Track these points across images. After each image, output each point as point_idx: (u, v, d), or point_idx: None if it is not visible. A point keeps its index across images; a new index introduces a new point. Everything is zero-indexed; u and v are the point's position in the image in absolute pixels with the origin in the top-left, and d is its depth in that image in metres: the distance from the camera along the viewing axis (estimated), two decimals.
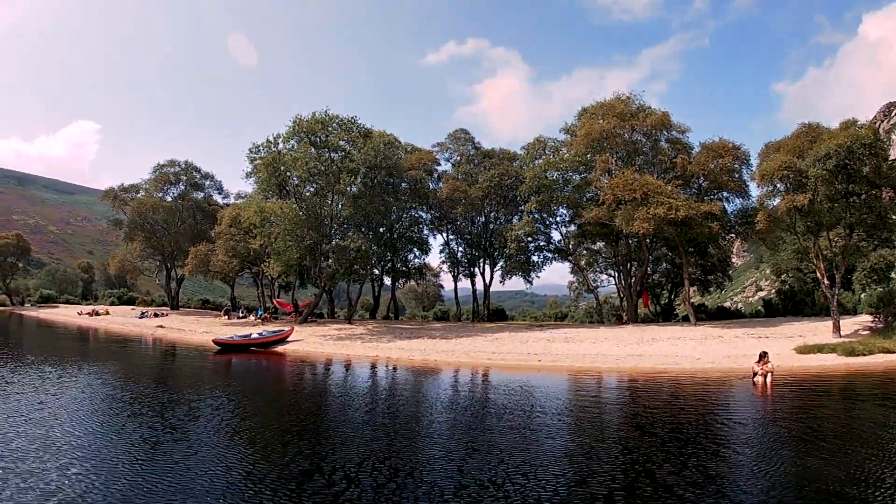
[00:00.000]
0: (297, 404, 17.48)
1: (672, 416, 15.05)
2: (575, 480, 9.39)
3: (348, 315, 52.99)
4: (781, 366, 21.63)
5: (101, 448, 10.55)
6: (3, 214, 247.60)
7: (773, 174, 29.57)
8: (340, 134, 45.30)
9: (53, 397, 16.14)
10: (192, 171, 70.14)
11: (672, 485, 9.14)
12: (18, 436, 11.11)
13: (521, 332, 37.25)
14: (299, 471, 9.68)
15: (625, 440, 12.31)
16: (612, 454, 11.07)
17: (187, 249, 61.98)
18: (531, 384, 20.79)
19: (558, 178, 47.65)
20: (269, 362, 29.78)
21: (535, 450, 11.24)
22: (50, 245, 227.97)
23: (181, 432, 12.25)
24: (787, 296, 47.07)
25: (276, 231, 42.19)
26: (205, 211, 68.10)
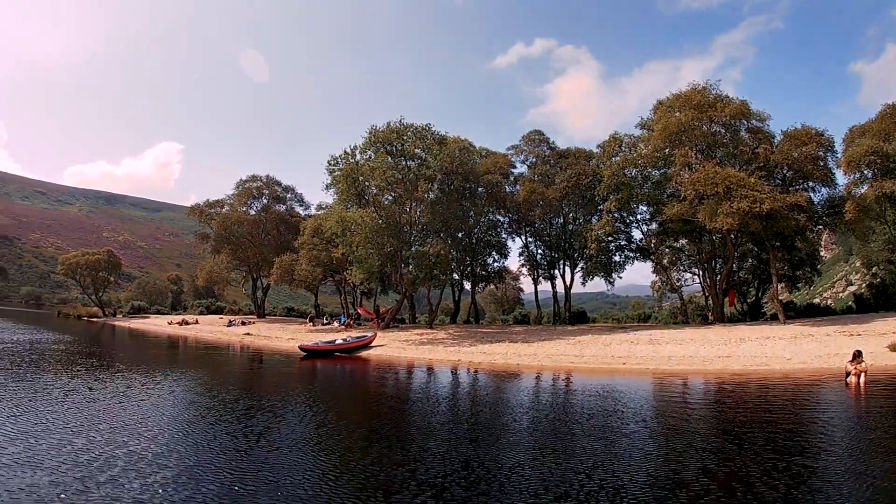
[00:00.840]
0: (381, 408, 17.53)
1: (763, 419, 14.47)
2: (664, 490, 9.07)
3: (429, 320, 53.80)
4: (875, 364, 20.92)
5: (192, 452, 10.81)
6: (95, 232, 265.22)
7: (860, 160, 28.66)
8: (416, 142, 45.99)
9: (146, 403, 16.70)
10: (274, 185, 73.65)
11: (765, 494, 8.75)
12: (112, 441, 11.30)
13: (603, 335, 36.62)
14: (383, 475, 9.67)
15: (714, 446, 11.92)
16: (701, 461, 10.68)
17: (272, 260, 65.05)
18: (615, 388, 20.50)
19: (637, 174, 46.95)
20: (354, 367, 30.33)
21: (620, 456, 10.94)
22: (140, 259, 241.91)
23: (269, 436, 12.53)
24: (878, 290, 44.99)
25: (357, 239, 43.29)
26: (287, 222, 71.28)
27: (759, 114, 42.34)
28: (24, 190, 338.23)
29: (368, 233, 43.01)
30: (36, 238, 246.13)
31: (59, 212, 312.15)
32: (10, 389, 16.94)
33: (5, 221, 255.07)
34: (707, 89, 42.75)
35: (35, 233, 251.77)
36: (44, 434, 11.48)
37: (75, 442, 11.00)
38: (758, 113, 42.30)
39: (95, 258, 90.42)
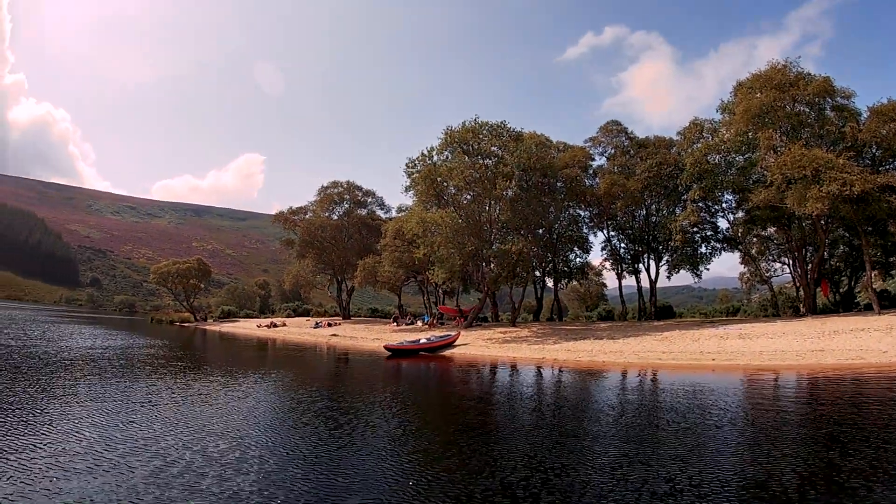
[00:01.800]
0: (466, 408, 17.42)
1: (860, 417, 13.87)
2: (758, 496, 8.58)
3: (512, 318, 53.87)
4: None
5: (280, 451, 11.04)
6: (185, 242, 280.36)
7: None
8: (492, 140, 46.43)
9: (238, 403, 17.13)
10: (355, 190, 76.73)
11: (865, 498, 8.35)
12: (205, 440, 11.60)
13: (691, 330, 35.39)
14: (469, 477, 9.52)
15: (808, 447, 11.34)
16: (796, 464, 10.10)
17: (355, 263, 67.87)
18: (705, 385, 19.99)
19: (720, 161, 45.43)
20: (438, 366, 30.40)
21: (710, 459, 10.49)
22: (228, 266, 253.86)
23: (356, 435, 12.69)
24: None
25: (438, 240, 43.98)
26: (369, 226, 74.15)
27: (843, 90, 40.64)
28: (115, 205, 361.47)
29: (449, 233, 43.55)
30: (128, 250, 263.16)
31: (149, 224, 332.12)
32: (111, 392, 17.60)
33: (98, 235, 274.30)
34: (787, 67, 41.42)
35: (127, 245, 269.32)
36: (140, 433, 11.93)
37: (170, 441, 11.38)
38: (842, 90, 40.61)
39: (186, 266, 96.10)
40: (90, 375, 21.09)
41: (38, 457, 9.62)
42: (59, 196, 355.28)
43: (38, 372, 20.95)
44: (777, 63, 42.33)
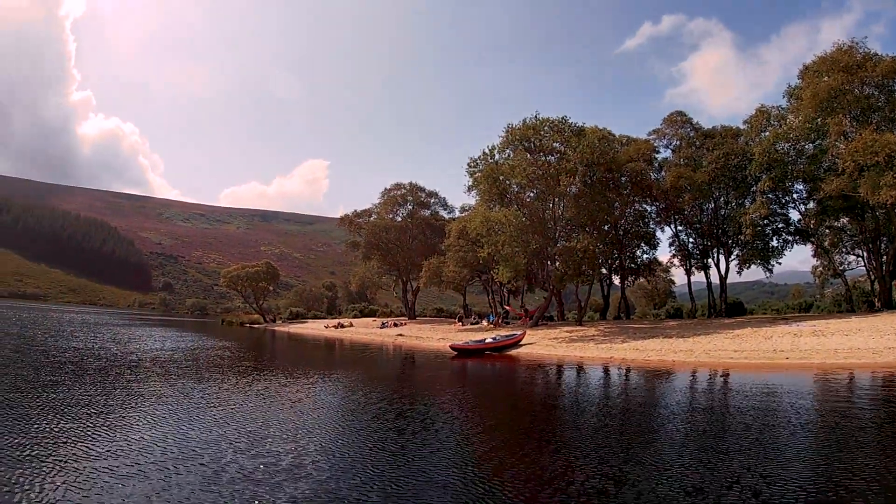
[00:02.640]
0: (531, 408, 17.28)
1: None
2: None
3: (578, 317, 53.88)
4: None
5: (347, 450, 11.06)
6: (254, 247, 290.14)
7: None
8: (553, 136, 46.22)
9: (305, 402, 17.24)
10: (418, 192, 78.50)
11: None
12: (271, 441, 11.61)
13: (763, 327, 34.22)
14: (534, 479, 9.31)
15: (893, 456, 10.62)
16: (881, 476, 9.33)
17: (420, 263, 69.26)
18: (778, 385, 19.45)
19: (789, 149, 44.12)
20: (503, 366, 30.41)
21: (784, 466, 9.85)
22: (296, 269, 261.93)
23: (422, 435, 12.67)
24: None
25: (502, 238, 44.00)
26: (433, 226, 75.61)
27: None
28: (185, 213, 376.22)
29: (513, 231, 43.59)
30: (198, 255, 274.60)
31: (219, 230, 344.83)
32: (180, 392, 17.92)
33: (169, 242, 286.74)
34: (854, 48, 40.27)
35: (197, 250, 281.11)
36: (205, 433, 12.04)
37: (235, 440, 11.50)
38: None
39: (255, 270, 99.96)
40: (159, 376, 21.65)
41: (102, 456, 9.76)
42: (131, 205, 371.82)
43: (104, 373, 21.50)
44: (843, 44, 41.31)
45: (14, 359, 23.21)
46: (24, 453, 9.68)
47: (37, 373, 19.78)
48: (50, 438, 10.76)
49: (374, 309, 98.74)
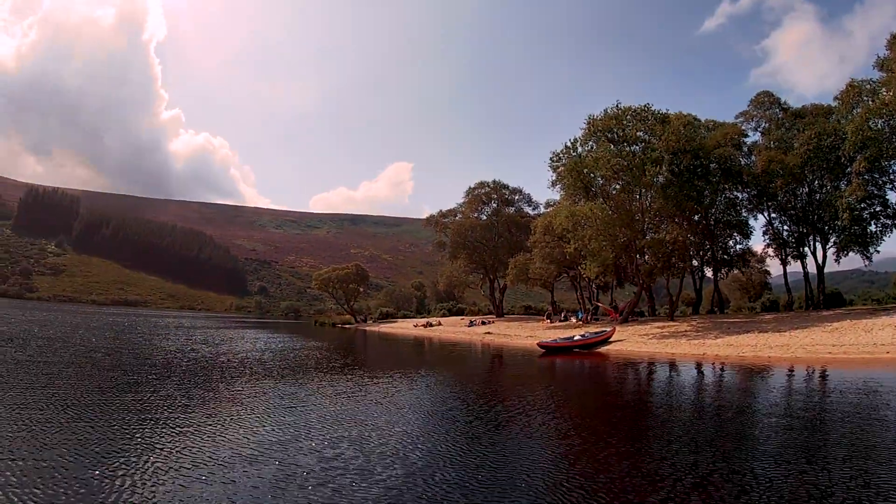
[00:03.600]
0: (621, 406, 16.92)
1: None
2: None
3: (669, 312, 52.64)
4: None
5: (437, 447, 11.08)
6: (343, 250, 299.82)
7: None
8: (636, 125, 45.51)
9: (394, 399, 17.31)
10: (501, 189, 78.96)
11: None
12: (364, 435, 11.84)
13: (863, 319, 32.62)
14: (624, 481, 9.10)
15: None
16: None
17: (506, 261, 69.70)
18: (879, 381, 18.68)
19: (884, 126, 40.61)
20: (592, 363, 30.13)
21: (886, 474, 9.07)
22: (385, 270, 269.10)
23: (510, 434, 12.57)
24: None
25: (589, 233, 43.69)
26: (518, 223, 75.80)
27: None
28: (277, 220, 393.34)
29: (600, 225, 43.22)
30: (291, 259, 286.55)
31: (310, 235, 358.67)
32: (275, 389, 18.31)
33: (263, 248, 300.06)
34: None
35: (290, 255, 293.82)
36: (294, 431, 12.20)
37: (325, 437, 11.66)
38: None
39: (345, 272, 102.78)
40: (247, 376, 21.95)
41: (192, 453, 10.00)
42: (225, 215, 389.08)
43: (191, 373, 21.81)
44: None
45: (105, 361, 23.89)
46: (112, 449, 10.07)
47: (125, 374, 20.45)
48: (141, 435, 11.17)
49: (462, 308, 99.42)
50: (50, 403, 13.67)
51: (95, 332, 41.19)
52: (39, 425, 11.39)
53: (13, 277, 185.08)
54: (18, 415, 12.30)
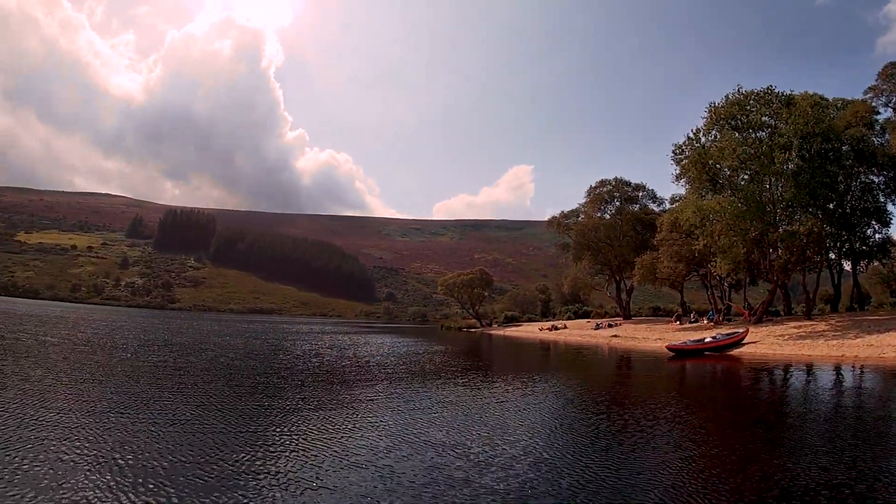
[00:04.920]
0: (754, 413, 15.91)
1: None
2: None
3: (806, 310, 50.33)
4: None
5: (565, 450, 10.85)
6: (467, 255, 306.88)
7: None
8: (760, 109, 43.84)
9: (523, 402, 17.03)
10: (624, 186, 78.19)
11: None
12: (490, 439, 11.59)
13: None
14: (750, 487, 8.68)
15: None
16: None
17: (632, 260, 68.82)
18: None
19: None
20: (725, 367, 29.17)
21: None
22: (509, 274, 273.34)
23: (638, 438, 12.14)
24: None
25: (718, 228, 42.97)
26: (643, 221, 74.79)
27: None
28: (402, 229, 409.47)
29: (729, 219, 42.28)
30: (417, 266, 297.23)
31: (434, 242, 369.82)
32: (408, 393, 18.25)
33: (389, 256, 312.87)
34: None
35: (416, 262, 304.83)
36: (422, 433, 12.04)
37: (454, 439, 11.52)
38: None
39: (469, 277, 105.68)
40: (375, 379, 21.78)
41: (326, 453, 10.05)
42: (352, 226, 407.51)
43: (319, 377, 21.96)
44: None
45: (233, 366, 24.58)
46: (238, 449, 10.12)
47: (251, 378, 20.86)
48: (266, 437, 11.25)
49: (587, 310, 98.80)
50: (173, 405, 14.16)
51: (228, 338, 43.21)
52: (159, 428, 11.52)
53: (156, 290, 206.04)
54: (142, 416, 12.66)
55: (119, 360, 23.65)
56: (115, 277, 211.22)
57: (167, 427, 11.42)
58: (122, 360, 23.42)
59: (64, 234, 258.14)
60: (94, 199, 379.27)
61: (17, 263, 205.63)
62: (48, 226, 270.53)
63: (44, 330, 38.15)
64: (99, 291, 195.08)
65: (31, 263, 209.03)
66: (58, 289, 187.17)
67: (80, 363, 21.04)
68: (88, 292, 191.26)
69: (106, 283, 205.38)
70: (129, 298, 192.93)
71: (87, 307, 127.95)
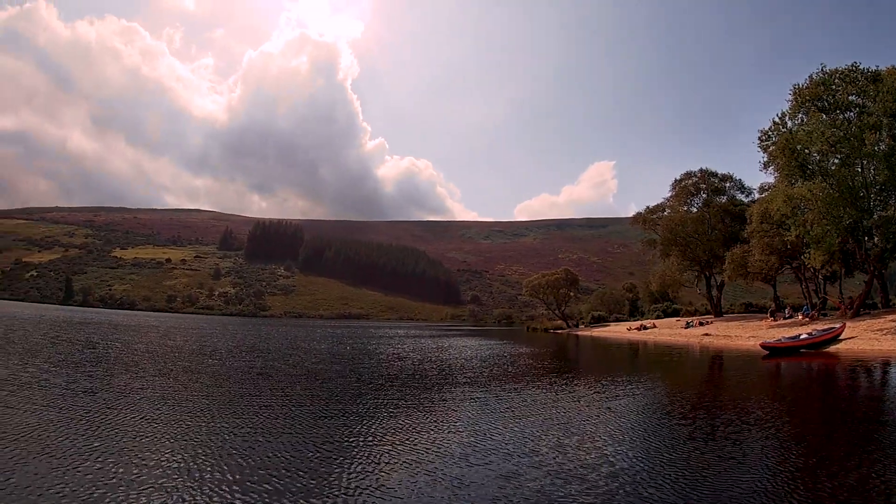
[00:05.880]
0: (852, 417, 14.85)
1: None
2: None
3: None
4: None
5: (654, 457, 10.45)
6: (551, 255, 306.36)
7: None
8: (846, 88, 42.32)
9: (609, 405, 16.61)
10: (710, 178, 76.32)
11: None
12: (577, 442, 11.47)
13: None
14: (852, 494, 8.19)
15: None
16: None
17: (722, 255, 67.31)
18: None
19: None
20: (821, 365, 28.08)
21: None
22: (594, 273, 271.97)
23: (724, 443, 11.55)
24: None
25: (810, 217, 41.77)
26: (731, 213, 72.90)
27: None
28: (484, 231, 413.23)
29: (821, 207, 41.00)
30: (501, 268, 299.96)
31: (517, 243, 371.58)
32: (492, 395, 18.01)
33: (473, 259, 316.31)
34: None
35: (499, 264, 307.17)
36: (510, 435, 12.00)
37: (539, 443, 11.36)
38: None
39: (555, 277, 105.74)
40: (460, 382, 21.53)
41: (397, 459, 10.04)
42: (435, 230, 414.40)
43: (403, 380, 21.73)
44: None
45: (318, 370, 24.58)
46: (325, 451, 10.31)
47: (335, 382, 20.53)
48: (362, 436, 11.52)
49: (677, 308, 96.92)
50: (249, 409, 14.53)
51: (314, 343, 44.18)
52: (232, 431, 11.82)
53: (248, 298, 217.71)
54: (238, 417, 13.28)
55: (205, 365, 24.94)
56: (208, 288, 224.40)
57: (241, 430, 11.81)
58: (208, 366, 24.66)
59: (158, 249, 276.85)
60: (185, 214, 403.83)
61: (115, 277, 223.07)
62: (142, 241, 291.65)
63: (135, 338, 40.49)
64: (193, 301, 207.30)
65: (127, 277, 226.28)
66: (154, 300, 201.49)
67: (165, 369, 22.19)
68: (183, 302, 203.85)
69: (200, 293, 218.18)
70: (222, 307, 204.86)
71: (181, 316, 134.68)
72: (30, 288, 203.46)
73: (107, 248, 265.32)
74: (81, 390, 15.80)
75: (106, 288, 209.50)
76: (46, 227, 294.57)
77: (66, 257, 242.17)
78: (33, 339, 33.81)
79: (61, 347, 29.49)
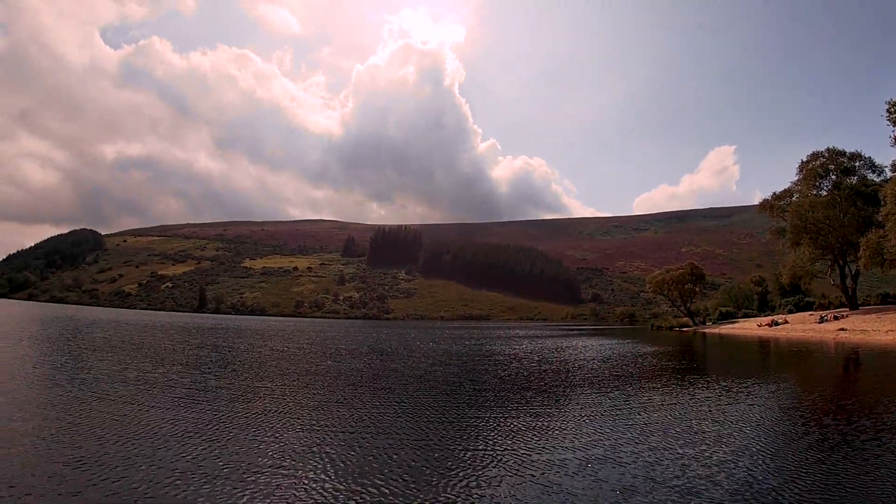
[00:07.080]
0: None
1: None
2: None
3: None
4: None
5: (767, 468, 9.76)
6: (673, 249, 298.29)
7: None
8: None
9: (733, 409, 16.06)
10: (838, 157, 72.15)
11: None
12: (693, 454, 10.85)
13: None
14: None
15: None
16: None
17: (856, 241, 63.35)
18: None
19: None
20: None
21: None
22: (720, 266, 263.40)
23: (854, 453, 10.75)
24: None
25: None
26: (863, 195, 68.85)
27: None
28: (603, 227, 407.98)
29: None
30: (621, 265, 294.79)
31: (637, 238, 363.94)
32: (615, 399, 17.70)
33: (592, 256, 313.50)
34: None
35: (620, 260, 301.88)
36: (633, 437, 11.96)
37: (644, 454, 10.87)
38: None
39: (679, 273, 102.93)
40: (580, 384, 21.26)
41: (500, 464, 9.92)
42: (552, 229, 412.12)
43: (514, 382, 21.60)
44: None
45: (432, 371, 24.85)
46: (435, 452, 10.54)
47: (443, 383, 21.15)
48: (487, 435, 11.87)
49: (810, 301, 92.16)
50: (361, 409, 14.94)
51: (432, 344, 44.89)
52: (340, 430, 12.22)
53: (372, 302, 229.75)
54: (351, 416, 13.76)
55: (324, 366, 26.36)
56: (333, 293, 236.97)
57: (349, 430, 12.16)
58: (327, 367, 26.04)
59: (285, 258, 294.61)
60: (309, 224, 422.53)
61: (245, 286, 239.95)
62: (270, 251, 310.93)
63: (260, 342, 43.19)
64: (319, 306, 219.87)
65: (257, 285, 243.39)
66: (282, 306, 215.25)
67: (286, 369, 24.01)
68: (310, 308, 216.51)
69: (326, 298, 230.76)
70: (347, 311, 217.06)
71: (308, 321, 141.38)
72: (166, 298, 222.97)
73: (237, 259, 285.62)
74: (208, 388, 17.50)
75: (237, 296, 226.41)
76: (179, 242, 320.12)
77: (199, 269, 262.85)
78: (163, 344, 36.88)
79: (190, 351, 32.00)
